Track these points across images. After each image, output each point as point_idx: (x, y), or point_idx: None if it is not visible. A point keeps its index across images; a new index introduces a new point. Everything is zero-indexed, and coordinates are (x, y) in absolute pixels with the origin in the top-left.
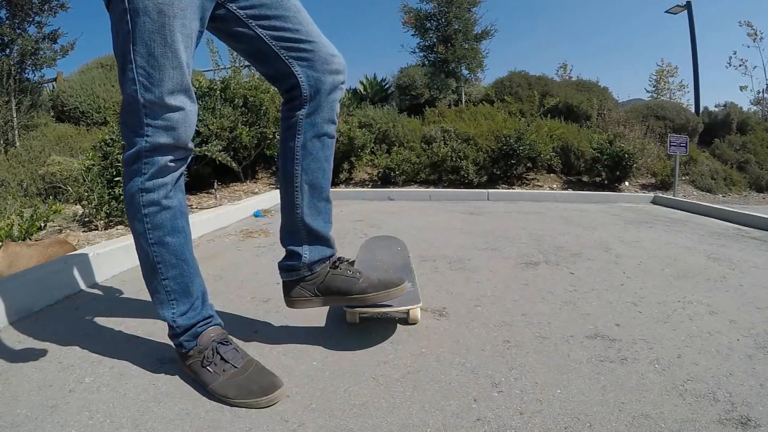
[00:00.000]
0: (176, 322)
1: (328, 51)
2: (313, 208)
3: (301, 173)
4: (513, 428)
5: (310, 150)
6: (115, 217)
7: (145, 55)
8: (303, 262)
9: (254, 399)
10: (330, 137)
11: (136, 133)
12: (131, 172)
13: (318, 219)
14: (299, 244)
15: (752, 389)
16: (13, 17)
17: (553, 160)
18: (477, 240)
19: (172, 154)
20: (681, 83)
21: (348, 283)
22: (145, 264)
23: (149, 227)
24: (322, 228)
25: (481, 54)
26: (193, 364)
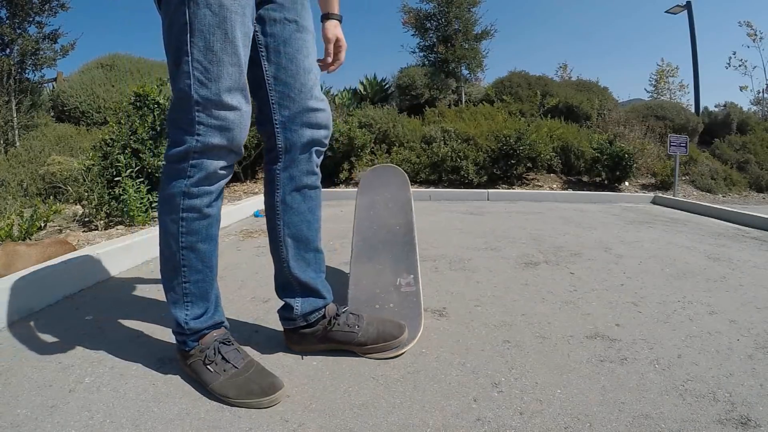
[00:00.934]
0: (188, 324)
1: (311, 105)
2: (300, 260)
3: (283, 227)
4: (513, 428)
5: (290, 204)
6: (115, 217)
7: (203, 48)
8: (296, 313)
9: (254, 399)
10: (311, 188)
11: (185, 131)
12: (175, 171)
13: (307, 271)
14: (292, 296)
15: (752, 389)
16: (14, 17)
17: (553, 160)
18: (477, 240)
19: (224, 159)
20: (681, 83)
21: (347, 337)
22: (168, 262)
23: (183, 231)
24: (312, 280)
25: (481, 54)
26: (194, 363)
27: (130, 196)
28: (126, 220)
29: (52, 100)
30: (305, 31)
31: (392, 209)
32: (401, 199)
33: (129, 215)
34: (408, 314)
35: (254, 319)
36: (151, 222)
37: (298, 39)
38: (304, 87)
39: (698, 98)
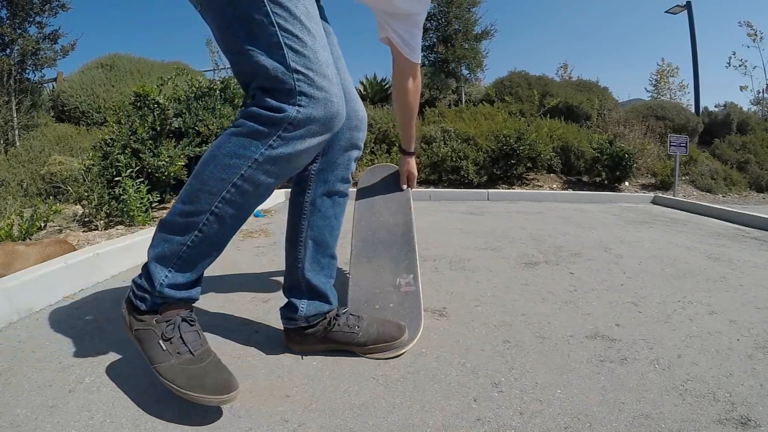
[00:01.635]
0: (162, 288)
1: (352, 105)
2: (315, 263)
3: (307, 228)
4: (513, 428)
5: (319, 207)
6: (115, 217)
7: (289, 18)
8: (300, 314)
9: (204, 395)
10: (342, 196)
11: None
12: (256, 133)
13: (320, 275)
14: (298, 297)
15: (752, 389)
16: (14, 17)
17: (553, 160)
18: (477, 240)
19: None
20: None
21: (347, 338)
22: (183, 216)
23: (226, 198)
24: (323, 284)
25: (481, 54)
26: (143, 331)
27: (130, 196)
28: (126, 220)
29: (52, 100)
30: (332, 35)
31: (391, 209)
32: (400, 198)
33: (129, 215)
34: (408, 314)
35: (254, 319)
36: (151, 222)
37: (332, 43)
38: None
39: (698, 98)
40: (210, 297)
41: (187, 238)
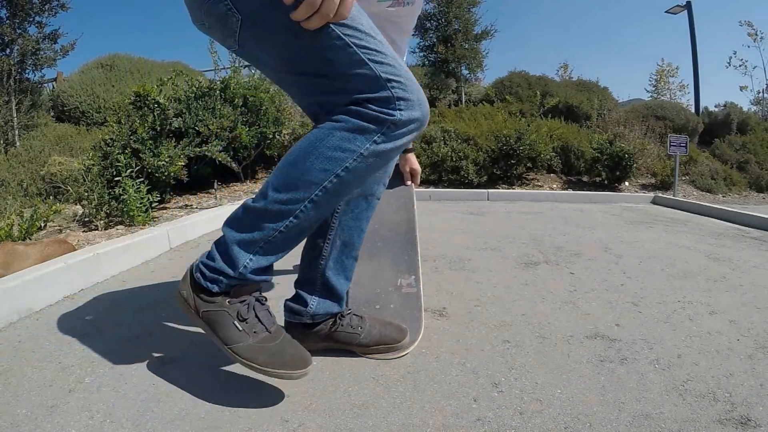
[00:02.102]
0: (245, 272)
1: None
2: (339, 263)
3: (337, 227)
4: (513, 428)
5: (353, 208)
6: (115, 217)
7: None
8: (308, 311)
9: (287, 371)
10: (377, 198)
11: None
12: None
13: (340, 276)
14: (310, 293)
15: (752, 389)
16: (14, 17)
17: (553, 160)
18: (477, 240)
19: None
20: (681, 83)
21: (349, 338)
22: (278, 203)
23: (327, 187)
24: (341, 286)
25: (481, 54)
26: (215, 313)
27: (130, 196)
28: (126, 220)
29: (52, 100)
30: None
31: (393, 205)
32: (404, 195)
33: (129, 215)
34: (408, 316)
35: None
36: (151, 222)
37: None
38: None
39: (698, 98)
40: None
41: (281, 225)
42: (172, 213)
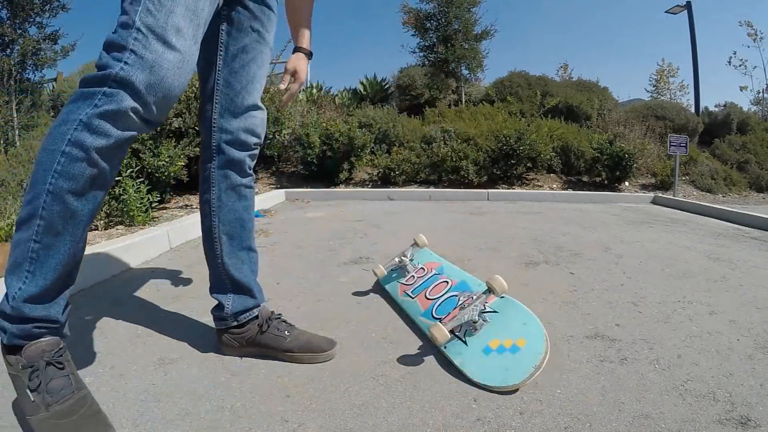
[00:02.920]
0: (16, 302)
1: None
2: (234, 257)
3: (218, 225)
4: (513, 428)
5: (225, 202)
6: (115, 217)
7: None
8: (227, 312)
9: None
10: (246, 187)
11: (112, 56)
12: (82, 95)
13: (242, 268)
14: (224, 293)
15: (752, 389)
16: (14, 17)
17: (553, 160)
18: (477, 240)
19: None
20: (681, 83)
21: (276, 341)
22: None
23: (57, 170)
24: (245, 278)
25: (481, 54)
26: (14, 377)
27: (130, 196)
28: (126, 220)
29: (53, 100)
30: (264, 44)
31: None
32: None
33: (129, 215)
34: None
35: None
36: (151, 222)
37: (256, 48)
38: (249, 95)
39: (698, 98)
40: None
41: (32, 231)
42: (172, 213)
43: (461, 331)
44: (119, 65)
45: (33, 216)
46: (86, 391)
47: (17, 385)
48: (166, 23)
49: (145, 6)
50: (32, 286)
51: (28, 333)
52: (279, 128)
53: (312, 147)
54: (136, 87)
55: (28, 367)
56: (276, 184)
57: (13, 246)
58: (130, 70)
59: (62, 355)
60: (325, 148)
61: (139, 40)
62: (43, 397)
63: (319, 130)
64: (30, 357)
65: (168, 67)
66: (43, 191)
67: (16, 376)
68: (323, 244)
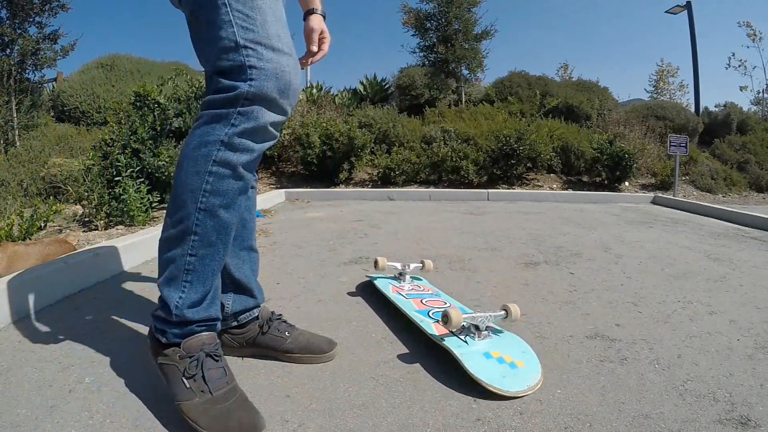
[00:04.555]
0: (180, 310)
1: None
2: (235, 257)
3: None
4: (513, 428)
5: None
6: (115, 217)
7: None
8: (227, 311)
9: None
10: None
11: (233, 78)
12: (217, 116)
13: (242, 268)
14: (224, 293)
15: (752, 389)
16: (14, 17)
17: (553, 160)
18: (477, 240)
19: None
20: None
21: (275, 342)
22: (175, 225)
23: (207, 189)
24: (246, 277)
25: (481, 54)
26: (167, 366)
27: (130, 196)
28: (126, 220)
29: (52, 100)
30: None
31: None
32: None
33: (129, 215)
34: None
35: None
36: (151, 222)
37: None
38: None
39: (698, 98)
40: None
41: (187, 247)
42: None
43: (464, 334)
44: (246, 84)
45: (186, 233)
46: (236, 382)
47: (168, 374)
48: (267, 33)
49: (239, 25)
50: (193, 293)
51: (190, 331)
52: None
53: (312, 147)
54: (270, 97)
55: (187, 357)
56: (276, 184)
57: (165, 261)
58: (258, 84)
59: (218, 349)
60: (325, 148)
61: (252, 55)
62: (199, 385)
63: (319, 130)
64: (189, 348)
65: (288, 69)
66: (195, 209)
67: (171, 366)
68: (323, 244)
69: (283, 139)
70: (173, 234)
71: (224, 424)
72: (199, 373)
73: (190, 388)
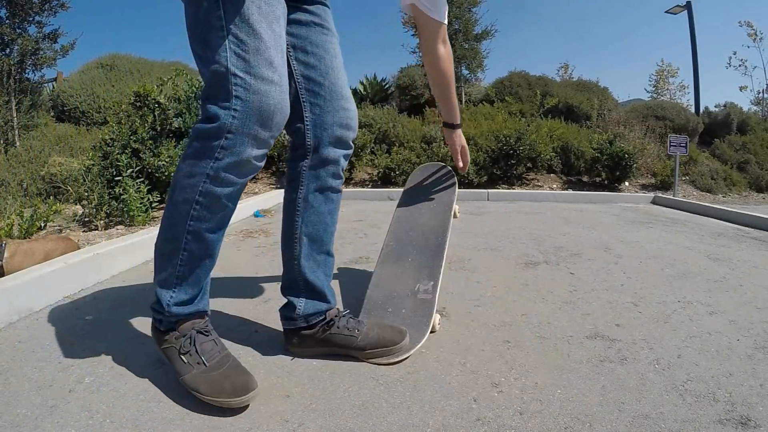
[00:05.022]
0: (170, 308)
1: (342, 104)
2: (311, 260)
3: (301, 225)
4: (513, 428)
5: (312, 203)
6: (115, 217)
7: (238, 22)
8: (298, 313)
9: (225, 398)
10: (334, 191)
11: (218, 107)
12: (202, 149)
13: (317, 272)
14: (296, 296)
15: (752, 389)
16: (14, 17)
17: (553, 160)
18: (477, 240)
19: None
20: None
21: (347, 341)
22: (167, 242)
23: (194, 215)
24: (320, 282)
25: (481, 54)
26: (168, 348)
27: (130, 196)
28: (126, 220)
29: (52, 100)
30: (331, 34)
31: (434, 210)
32: (444, 200)
33: (129, 215)
34: (417, 322)
35: (254, 319)
36: (151, 222)
37: (325, 41)
38: (335, 87)
39: (698, 98)
40: (210, 297)
41: (177, 259)
42: None
43: None
44: (229, 115)
45: (177, 249)
46: (228, 351)
47: (170, 355)
48: (258, 62)
49: (233, 51)
50: (182, 294)
51: (183, 320)
52: None
53: None
54: (251, 132)
55: (182, 336)
56: (276, 184)
57: (159, 265)
58: (241, 116)
59: (207, 326)
60: None
61: (239, 84)
62: (195, 358)
63: None
64: (183, 330)
65: (275, 100)
66: (184, 231)
67: (170, 347)
68: None
69: (283, 139)
70: (167, 249)
71: (220, 386)
72: (192, 349)
73: (188, 363)
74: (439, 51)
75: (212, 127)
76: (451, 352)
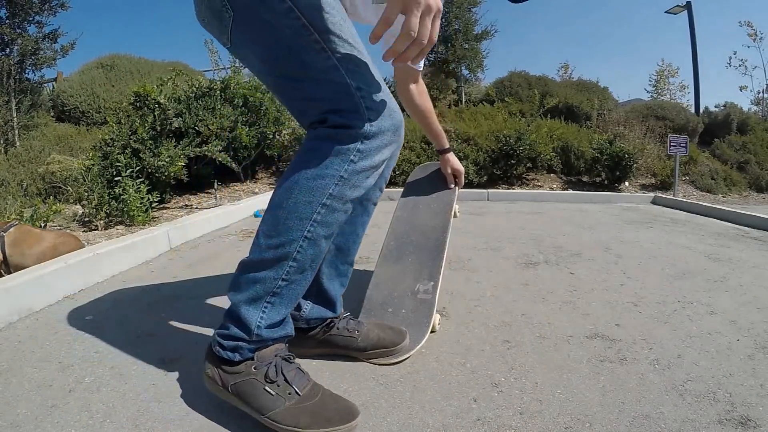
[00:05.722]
0: (260, 331)
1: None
2: (333, 268)
3: None
4: (513, 428)
5: None
6: (115, 217)
7: (338, 41)
8: (302, 315)
9: (333, 428)
10: (373, 203)
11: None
12: (336, 150)
13: (334, 281)
14: (304, 297)
15: (752, 389)
16: (13, 17)
17: (553, 160)
18: (477, 240)
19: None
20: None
21: (347, 342)
22: (274, 249)
23: (318, 219)
24: (334, 291)
25: (481, 54)
26: (243, 382)
27: (130, 196)
28: (126, 220)
29: (52, 100)
30: None
31: (434, 209)
32: (444, 199)
33: (129, 215)
34: (416, 323)
35: None
36: (151, 222)
37: None
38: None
39: (698, 98)
40: (210, 297)
41: (281, 271)
42: (172, 213)
43: None
44: (367, 123)
45: (285, 258)
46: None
47: (246, 390)
48: (371, 76)
49: (347, 68)
50: (274, 314)
51: (264, 344)
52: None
53: None
54: (388, 136)
55: (264, 366)
56: (276, 184)
57: (250, 282)
58: (378, 123)
59: (289, 353)
60: None
61: (366, 97)
62: (284, 388)
63: None
64: (264, 358)
65: (396, 109)
66: (300, 237)
67: (248, 380)
68: None
69: (283, 138)
70: (269, 257)
71: (324, 416)
72: (280, 377)
73: (276, 395)
74: (413, 91)
75: (350, 132)
76: (451, 352)
